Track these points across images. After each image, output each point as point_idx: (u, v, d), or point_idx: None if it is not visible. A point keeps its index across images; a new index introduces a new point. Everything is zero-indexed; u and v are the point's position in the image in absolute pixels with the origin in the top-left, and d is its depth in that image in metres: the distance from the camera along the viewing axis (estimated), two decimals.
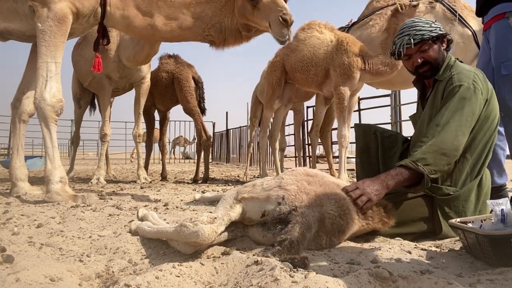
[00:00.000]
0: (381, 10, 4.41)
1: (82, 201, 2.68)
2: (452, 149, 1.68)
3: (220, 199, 1.65)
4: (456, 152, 1.70)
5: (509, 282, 1.11)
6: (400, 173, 1.65)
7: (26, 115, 3.44)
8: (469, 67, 1.88)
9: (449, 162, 1.70)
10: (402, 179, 1.64)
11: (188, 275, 1.18)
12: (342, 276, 1.13)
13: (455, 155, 1.70)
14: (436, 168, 1.65)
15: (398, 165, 1.68)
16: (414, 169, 1.62)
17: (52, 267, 1.20)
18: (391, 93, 7.03)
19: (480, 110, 1.76)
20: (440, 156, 1.66)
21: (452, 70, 1.85)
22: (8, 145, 12.14)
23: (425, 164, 1.63)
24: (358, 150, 2.21)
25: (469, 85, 1.75)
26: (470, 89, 1.74)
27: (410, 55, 1.92)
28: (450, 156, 1.68)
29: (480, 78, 1.80)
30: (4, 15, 3.11)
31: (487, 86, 1.80)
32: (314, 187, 1.54)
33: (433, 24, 1.91)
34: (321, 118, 5.24)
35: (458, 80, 1.77)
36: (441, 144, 1.67)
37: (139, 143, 5.22)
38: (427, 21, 1.91)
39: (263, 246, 1.52)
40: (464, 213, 1.74)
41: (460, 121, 1.71)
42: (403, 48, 1.89)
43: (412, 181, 1.66)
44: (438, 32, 1.88)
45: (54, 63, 2.83)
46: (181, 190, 3.97)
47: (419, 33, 1.86)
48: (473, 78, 1.77)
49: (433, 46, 1.89)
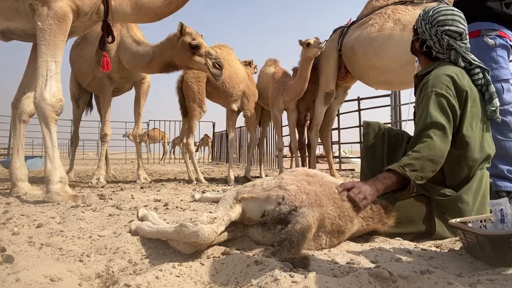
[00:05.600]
0: (380, 10, 4.40)
1: (82, 201, 2.68)
2: (439, 155, 1.72)
3: (220, 199, 1.65)
4: (442, 159, 1.73)
5: (509, 282, 1.11)
6: (388, 177, 1.69)
7: (26, 115, 3.44)
8: (450, 70, 1.89)
9: (435, 169, 1.73)
10: (390, 183, 1.68)
11: (188, 275, 1.18)
12: (342, 276, 1.13)
13: (440, 162, 1.74)
14: (422, 174, 1.69)
15: (386, 169, 1.72)
16: (401, 174, 1.67)
17: (52, 267, 1.20)
18: (391, 93, 7.03)
19: (455, 113, 1.79)
20: (427, 162, 1.70)
21: (431, 74, 1.90)
22: (8, 145, 12.15)
23: (412, 170, 1.67)
24: (364, 147, 2.22)
25: (442, 91, 1.79)
26: (443, 95, 1.79)
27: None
28: (437, 163, 1.72)
29: (458, 80, 1.82)
30: (5, 14, 3.11)
31: (463, 88, 1.82)
32: (314, 187, 1.54)
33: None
34: (321, 118, 5.24)
35: (432, 86, 1.83)
36: (429, 150, 1.71)
37: (139, 143, 5.23)
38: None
39: (263, 246, 1.52)
40: (460, 214, 1.73)
41: (441, 127, 1.75)
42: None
43: (399, 185, 1.71)
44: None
45: (54, 62, 2.83)
46: (181, 190, 3.97)
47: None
48: (447, 83, 1.81)
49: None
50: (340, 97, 5.47)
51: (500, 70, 2.40)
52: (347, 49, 4.70)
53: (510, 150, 2.36)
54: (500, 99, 2.33)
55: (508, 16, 2.43)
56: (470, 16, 2.49)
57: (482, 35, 2.43)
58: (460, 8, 2.58)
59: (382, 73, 4.34)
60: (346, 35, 4.78)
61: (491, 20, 2.45)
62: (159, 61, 4.23)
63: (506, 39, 2.45)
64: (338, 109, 6.13)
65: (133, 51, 4.38)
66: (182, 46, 4.04)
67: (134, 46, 4.40)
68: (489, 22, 2.45)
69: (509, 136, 2.37)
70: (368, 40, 4.35)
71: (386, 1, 4.46)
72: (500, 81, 2.40)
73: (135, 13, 3.26)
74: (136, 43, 4.41)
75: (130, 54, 4.41)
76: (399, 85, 4.62)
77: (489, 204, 1.39)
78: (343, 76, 4.97)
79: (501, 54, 2.42)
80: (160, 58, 4.21)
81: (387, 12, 4.27)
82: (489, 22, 2.45)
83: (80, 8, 3.00)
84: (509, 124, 2.37)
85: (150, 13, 3.33)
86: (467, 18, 2.50)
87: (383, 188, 1.67)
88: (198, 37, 4.07)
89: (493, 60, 2.41)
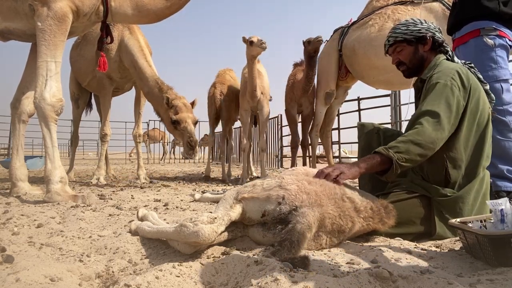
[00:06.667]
0: (380, 10, 4.41)
1: (82, 201, 2.68)
2: (428, 141, 1.71)
3: (220, 199, 1.65)
4: (432, 145, 1.72)
5: (509, 282, 1.10)
6: (373, 157, 1.73)
7: (25, 115, 3.44)
8: (454, 65, 1.90)
9: (423, 153, 1.72)
10: (374, 162, 1.72)
11: (188, 275, 1.18)
12: (342, 276, 1.13)
13: (430, 148, 1.72)
14: (407, 156, 1.69)
15: (372, 152, 1.77)
16: (385, 154, 1.69)
17: (52, 267, 1.20)
18: (391, 93, 7.03)
19: (459, 104, 1.77)
20: (413, 146, 1.70)
21: (435, 69, 1.90)
22: (8, 145, 12.14)
23: (397, 152, 1.69)
24: (360, 149, 2.23)
25: (446, 82, 1.78)
26: (446, 85, 1.77)
27: (390, 54, 2.09)
28: (425, 148, 1.71)
29: (462, 74, 1.82)
30: (4, 14, 3.11)
31: (468, 82, 1.81)
32: (315, 187, 1.54)
33: (416, 26, 1.98)
34: (321, 118, 5.24)
35: (436, 78, 1.82)
36: (416, 135, 1.72)
37: (139, 143, 5.23)
38: (410, 23, 2.01)
39: (263, 246, 1.52)
40: (461, 215, 1.73)
41: (438, 115, 1.74)
42: (385, 47, 2.10)
43: (385, 167, 1.72)
44: (415, 34, 1.96)
45: (54, 62, 2.83)
46: (181, 190, 3.97)
47: (394, 35, 2.02)
48: (452, 75, 1.80)
49: (408, 47, 2.00)
50: (340, 97, 5.48)
51: (499, 70, 2.40)
52: (348, 49, 4.70)
53: (509, 150, 2.36)
54: (499, 99, 2.33)
55: (507, 15, 2.42)
56: (468, 16, 2.50)
57: (481, 35, 2.43)
58: (458, 8, 2.60)
59: (382, 73, 4.35)
60: (347, 35, 4.79)
61: (489, 20, 2.45)
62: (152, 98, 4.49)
63: (505, 39, 2.44)
64: (338, 109, 6.13)
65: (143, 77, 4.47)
66: (167, 116, 4.33)
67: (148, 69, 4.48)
68: (488, 21, 2.44)
69: (509, 136, 2.37)
70: (368, 40, 4.35)
71: (386, 1, 4.46)
72: (499, 81, 2.40)
73: (135, 14, 3.26)
74: (148, 64, 4.50)
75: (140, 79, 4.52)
76: (399, 85, 4.62)
77: (489, 204, 1.39)
78: (343, 76, 4.98)
79: (501, 54, 2.42)
80: (153, 96, 4.44)
81: (387, 12, 4.28)
82: (488, 21, 2.44)
83: (80, 8, 3.00)
84: (509, 124, 2.37)
85: (151, 15, 3.32)
86: (465, 19, 2.53)
87: (365, 166, 1.72)
88: (182, 111, 4.26)
89: (492, 60, 2.41)
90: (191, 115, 4.33)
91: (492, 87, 2.22)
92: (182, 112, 4.26)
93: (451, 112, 1.74)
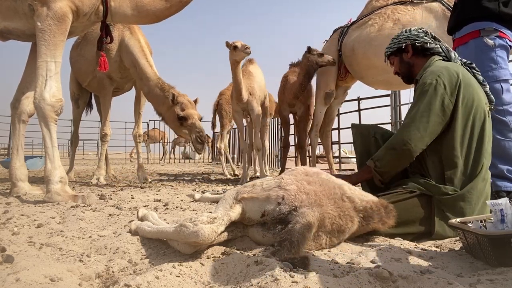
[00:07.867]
0: (380, 10, 4.41)
1: (82, 201, 2.68)
2: (400, 143, 1.79)
3: (220, 199, 1.65)
4: (405, 146, 1.78)
5: (509, 282, 1.10)
6: (363, 169, 1.98)
7: (25, 115, 3.44)
8: (445, 63, 1.92)
9: (399, 156, 1.81)
10: (363, 173, 1.96)
11: (188, 275, 1.18)
12: (342, 276, 1.13)
13: (404, 149, 1.79)
14: (382, 162, 1.86)
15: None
16: (367, 164, 1.93)
17: (52, 267, 1.20)
18: (391, 93, 7.02)
19: (444, 102, 1.78)
20: (388, 151, 1.85)
21: (426, 70, 1.94)
22: (8, 145, 12.14)
23: (377, 160, 1.88)
24: (358, 155, 2.22)
25: (431, 81, 1.81)
26: (431, 84, 1.80)
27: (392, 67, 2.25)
28: (399, 150, 1.80)
29: (450, 72, 1.82)
30: (3, 14, 3.11)
31: (457, 79, 1.81)
32: (314, 187, 1.54)
33: (397, 38, 2.13)
34: (321, 118, 5.24)
35: (423, 78, 1.87)
36: (391, 140, 1.86)
37: (139, 143, 5.23)
38: (395, 36, 2.17)
39: (263, 246, 1.52)
40: (462, 214, 1.72)
41: (414, 116, 1.80)
42: (386, 61, 2.28)
43: (370, 175, 1.93)
44: (396, 46, 2.11)
45: (53, 62, 2.83)
46: (181, 190, 3.97)
47: (386, 50, 2.20)
48: (438, 74, 1.82)
49: (396, 58, 2.16)
50: (340, 97, 5.48)
51: (499, 71, 2.41)
52: (347, 49, 4.70)
53: (509, 150, 2.36)
54: (499, 99, 2.33)
55: (507, 15, 2.43)
56: (468, 17, 2.50)
57: (481, 35, 2.43)
58: (458, 9, 2.60)
59: (381, 73, 4.34)
60: (346, 35, 4.79)
61: (489, 20, 2.45)
62: (152, 98, 4.46)
63: (505, 39, 2.45)
64: (338, 109, 6.13)
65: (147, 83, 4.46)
66: (172, 114, 4.28)
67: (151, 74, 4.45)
68: (488, 22, 2.45)
69: (509, 136, 2.37)
70: (368, 40, 4.35)
71: (386, 1, 4.47)
72: (499, 81, 2.40)
73: (135, 14, 3.26)
74: (150, 66, 4.48)
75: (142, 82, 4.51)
76: (398, 85, 4.62)
77: (489, 204, 1.39)
78: (343, 76, 4.98)
79: (501, 55, 2.42)
80: (153, 96, 4.41)
81: (387, 12, 4.28)
82: (488, 22, 2.45)
83: (80, 8, 3.00)
84: (509, 124, 2.37)
85: (150, 15, 3.33)
86: (466, 19, 2.53)
87: (356, 177, 1.97)
88: (188, 107, 4.26)
89: (492, 60, 2.41)
90: (196, 112, 4.36)
91: (492, 87, 2.22)
92: (189, 109, 4.27)
93: (430, 111, 1.77)
